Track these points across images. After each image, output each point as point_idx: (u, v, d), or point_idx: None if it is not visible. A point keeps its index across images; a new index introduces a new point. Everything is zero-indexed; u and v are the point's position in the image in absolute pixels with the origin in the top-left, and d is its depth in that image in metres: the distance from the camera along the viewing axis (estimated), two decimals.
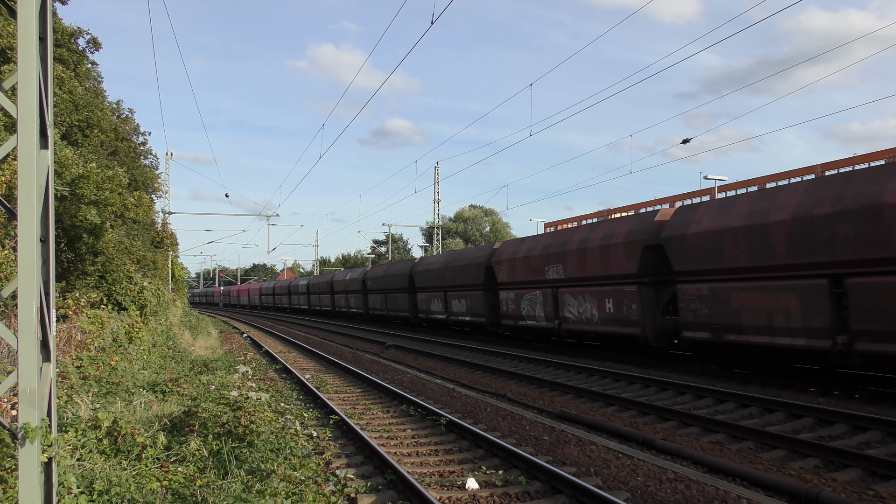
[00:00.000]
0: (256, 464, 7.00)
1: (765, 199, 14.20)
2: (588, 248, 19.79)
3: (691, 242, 15.48)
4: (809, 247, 12.74)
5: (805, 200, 13.06)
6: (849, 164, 47.35)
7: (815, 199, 12.85)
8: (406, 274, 38.00)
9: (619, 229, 18.78)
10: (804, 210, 12.95)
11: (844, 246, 12.09)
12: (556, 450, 8.91)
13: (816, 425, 10.23)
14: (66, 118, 18.42)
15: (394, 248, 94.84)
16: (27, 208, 4.50)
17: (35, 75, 4.53)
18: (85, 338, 12.54)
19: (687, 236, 15.60)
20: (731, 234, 14.45)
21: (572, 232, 21.83)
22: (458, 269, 29.54)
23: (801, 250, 12.92)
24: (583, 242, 20.20)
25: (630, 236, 17.97)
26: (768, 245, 13.58)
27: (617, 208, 74.83)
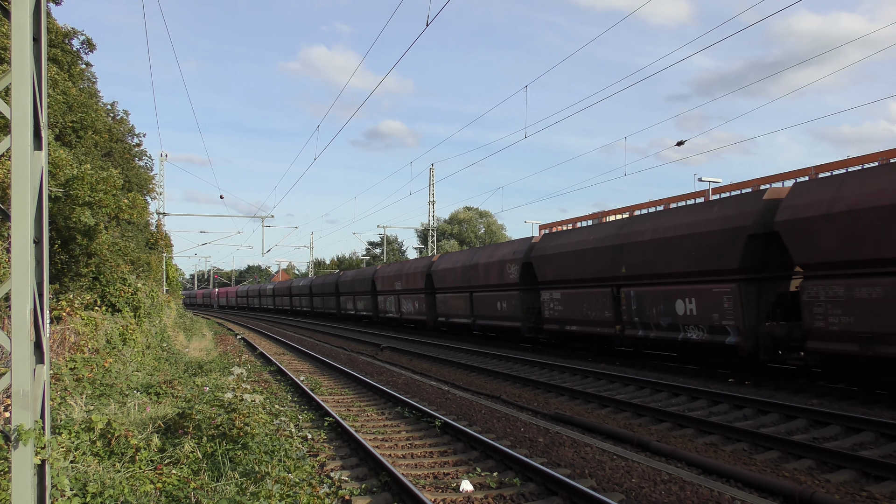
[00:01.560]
0: (251, 466, 6.99)
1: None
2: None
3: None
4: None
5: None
6: (842, 166, 47.51)
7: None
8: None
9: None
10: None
11: None
12: (550, 451, 8.91)
13: (810, 427, 10.26)
14: (60, 119, 18.37)
15: (389, 250, 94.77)
16: (21, 209, 4.49)
17: (29, 76, 4.52)
18: (79, 339, 12.50)
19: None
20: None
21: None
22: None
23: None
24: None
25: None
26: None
27: (611, 210, 74.96)
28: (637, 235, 17.30)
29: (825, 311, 12.27)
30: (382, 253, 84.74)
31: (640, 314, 17.22)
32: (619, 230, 18.20)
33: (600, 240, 18.88)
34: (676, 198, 65.10)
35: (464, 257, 28.96)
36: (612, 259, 18.08)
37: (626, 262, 17.59)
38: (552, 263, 21.19)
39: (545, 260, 21.57)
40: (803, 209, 12.62)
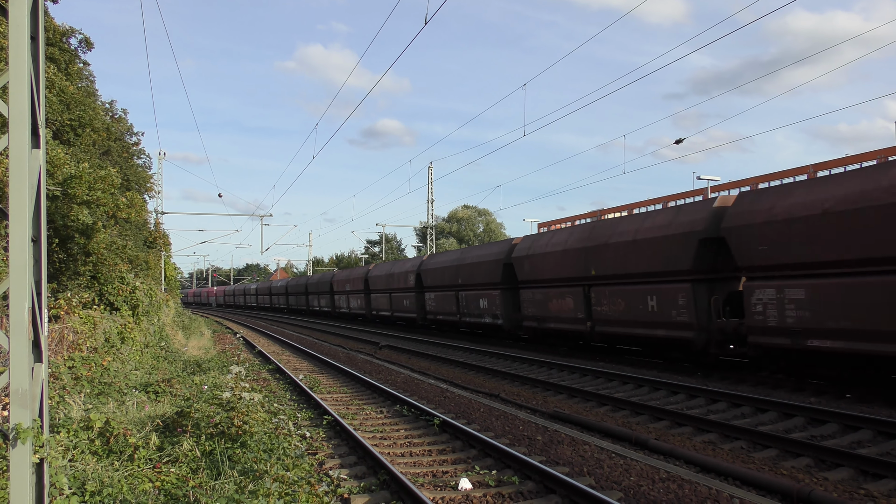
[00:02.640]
0: (249, 464, 6.99)
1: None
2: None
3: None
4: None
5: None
6: (840, 164, 47.61)
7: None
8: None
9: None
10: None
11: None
12: (549, 450, 8.92)
13: (808, 425, 10.28)
14: (57, 117, 18.35)
15: (387, 249, 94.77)
16: (18, 208, 4.48)
17: (26, 75, 4.51)
18: (77, 338, 12.49)
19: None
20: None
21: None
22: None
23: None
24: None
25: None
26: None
27: (609, 209, 75.02)
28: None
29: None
30: (381, 251, 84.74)
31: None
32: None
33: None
34: (675, 196, 65.15)
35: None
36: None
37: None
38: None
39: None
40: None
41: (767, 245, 13.35)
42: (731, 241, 14.26)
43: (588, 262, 19.08)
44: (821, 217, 12.28)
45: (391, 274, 37.59)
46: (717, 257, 15.15)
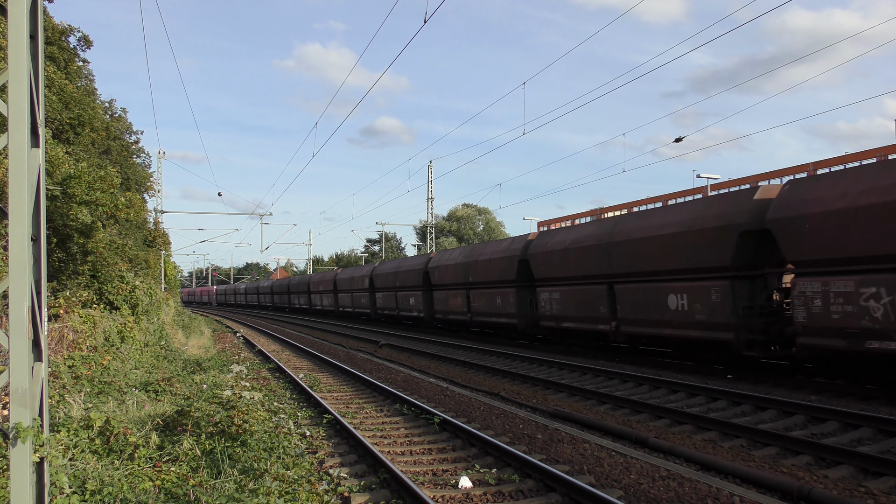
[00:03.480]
0: (249, 463, 6.99)
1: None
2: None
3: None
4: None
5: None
6: (840, 162, 47.59)
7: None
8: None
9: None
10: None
11: None
12: (549, 448, 8.93)
13: (808, 423, 10.28)
14: (56, 116, 18.33)
15: (387, 247, 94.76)
16: (18, 207, 4.48)
17: (25, 74, 4.51)
18: (77, 337, 12.49)
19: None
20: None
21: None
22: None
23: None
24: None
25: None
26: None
27: (609, 207, 75.00)
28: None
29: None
30: (381, 250, 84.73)
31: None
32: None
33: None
34: (675, 194, 65.09)
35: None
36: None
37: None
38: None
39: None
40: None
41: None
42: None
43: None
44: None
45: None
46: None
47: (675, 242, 15.84)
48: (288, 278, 69.07)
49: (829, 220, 12.03)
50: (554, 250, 21.03)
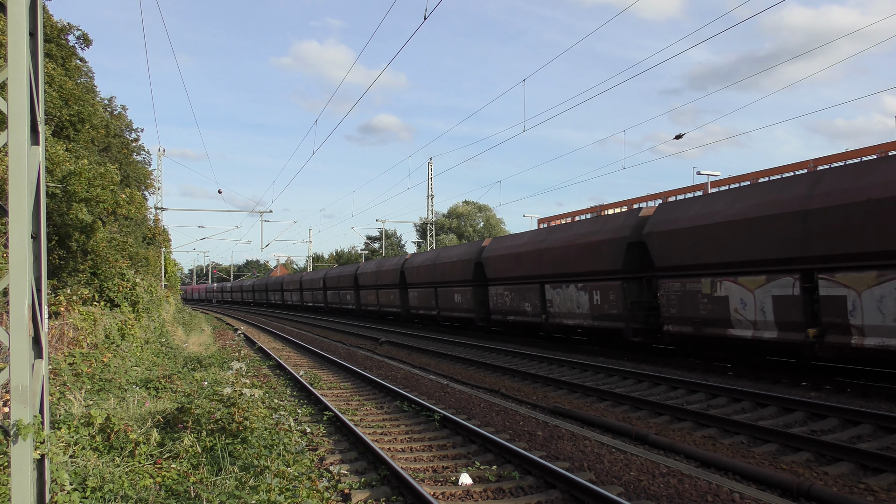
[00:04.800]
0: (250, 460, 7.00)
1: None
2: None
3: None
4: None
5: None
6: (841, 159, 47.53)
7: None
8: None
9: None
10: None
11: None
12: (549, 445, 8.94)
13: (808, 419, 10.29)
14: (56, 113, 18.32)
15: (387, 245, 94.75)
16: (18, 204, 4.48)
17: (25, 71, 4.51)
18: (77, 334, 12.49)
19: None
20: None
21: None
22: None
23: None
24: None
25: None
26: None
27: (609, 204, 74.98)
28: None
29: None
30: (381, 247, 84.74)
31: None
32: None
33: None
34: (675, 191, 65.06)
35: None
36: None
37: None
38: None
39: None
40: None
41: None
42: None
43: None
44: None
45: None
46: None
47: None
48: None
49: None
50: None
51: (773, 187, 14.17)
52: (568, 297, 20.41)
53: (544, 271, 21.57)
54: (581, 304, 19.69)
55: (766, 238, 13.46)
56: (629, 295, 17.64)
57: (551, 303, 21.43)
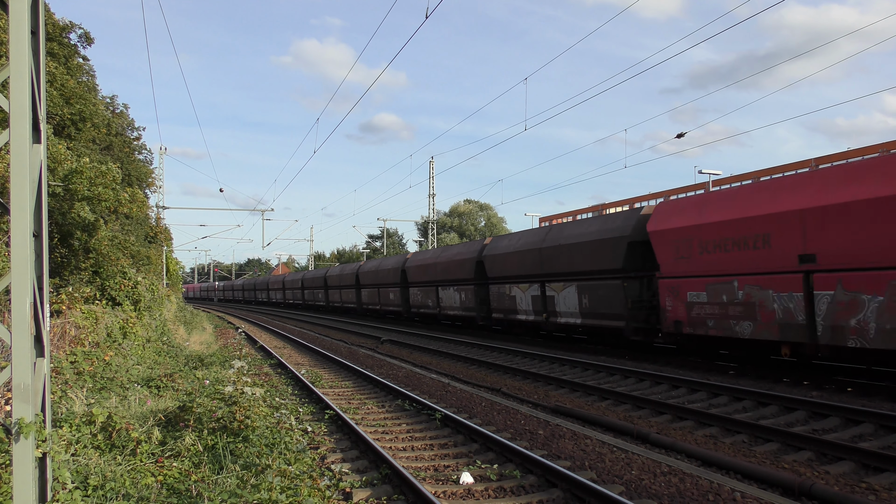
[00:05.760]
0: (251, 458, 7.00)
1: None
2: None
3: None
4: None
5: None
6: (843, 157, 47.46)
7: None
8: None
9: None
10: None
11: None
12: (550, 444, 8.93)
13: (810, 418, 10.28)
14: (58, 111, 18.33)
15: (389, 243, 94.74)
16: (20, 203, 4.48)
17: (27, 70, 4.51)
18: (79, 333, 12.51)
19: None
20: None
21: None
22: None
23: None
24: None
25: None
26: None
27: (610, 203, 74.90)
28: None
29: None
30: (383, 246, 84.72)
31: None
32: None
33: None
34: (676, 190, 64.99)
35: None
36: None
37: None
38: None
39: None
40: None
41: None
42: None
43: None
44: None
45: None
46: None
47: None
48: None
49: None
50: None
51: (531, 233, 23.66)
52: (448, 295, 29.10)
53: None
54: (454, 299, 28.27)
55: (527, 263, 22.75)
56: (478, 294, 26.65)
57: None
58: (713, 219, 14.62)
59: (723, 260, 14.40)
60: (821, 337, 12.46)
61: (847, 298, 11.94)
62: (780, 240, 13.11)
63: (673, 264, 15.78)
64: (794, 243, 12.84)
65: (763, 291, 13.54)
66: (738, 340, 14.61)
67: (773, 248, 13.22)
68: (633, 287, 17.73)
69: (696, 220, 15.10)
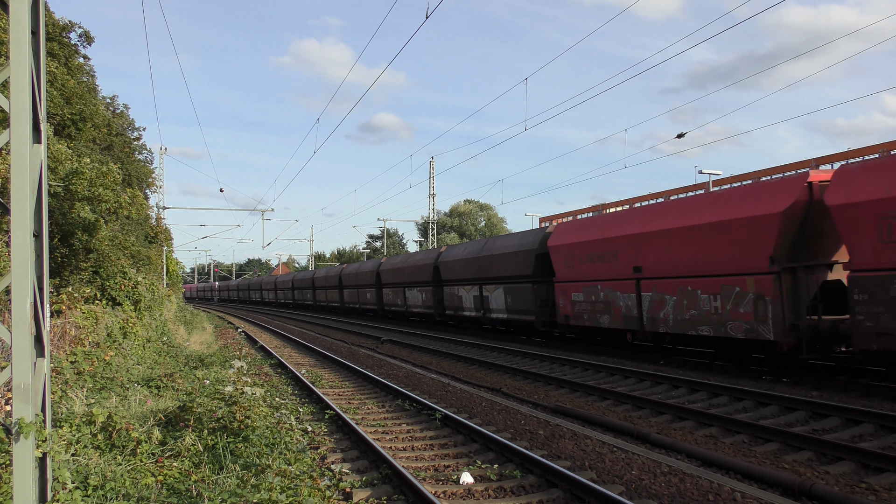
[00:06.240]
0: (252, 458, 7.00)
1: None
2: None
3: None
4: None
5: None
6: (843, 158, 47.43)
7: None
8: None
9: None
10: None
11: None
12: (550, 444, 8.93)
13: (810, 419, 10.28)
14: (58, 111, 18.33)
15: (389, 243, 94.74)
16: (20, 203, 4.48)
17: (27, 70, 4.51)
18: (79, 333, 12.51)
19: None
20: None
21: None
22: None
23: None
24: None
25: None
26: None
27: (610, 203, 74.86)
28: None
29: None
30: (383, 246, 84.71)
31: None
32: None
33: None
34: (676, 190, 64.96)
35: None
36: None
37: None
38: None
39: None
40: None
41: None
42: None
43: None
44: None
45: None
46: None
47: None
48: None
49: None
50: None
51: (473, 244, 28.77)
52: (413, 295, 34.39)
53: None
54: (417, 298, 33.48)
55: (469, 269, 27.37)
56: (435, 294, 31.32)
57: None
58: (586, 238, 19.38)
59: (592, 269, 19.15)
60: (646, 325, 17.08)
61: (658, 298, 16.59)
62: (623, 256, 17.78)
63: (563, 272, 20.62)
64: (631, 258, 17.45)
65: (615, 293, 18.27)
66: (602, 329, 19.18)
67: (619, 262, 17.89)
68: (541, 289, 22.19)
69: (576, 238, 19.90)
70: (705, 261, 14.99)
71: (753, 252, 13.75)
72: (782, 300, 13.23)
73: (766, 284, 13.48)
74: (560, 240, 20.70)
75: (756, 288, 13.72)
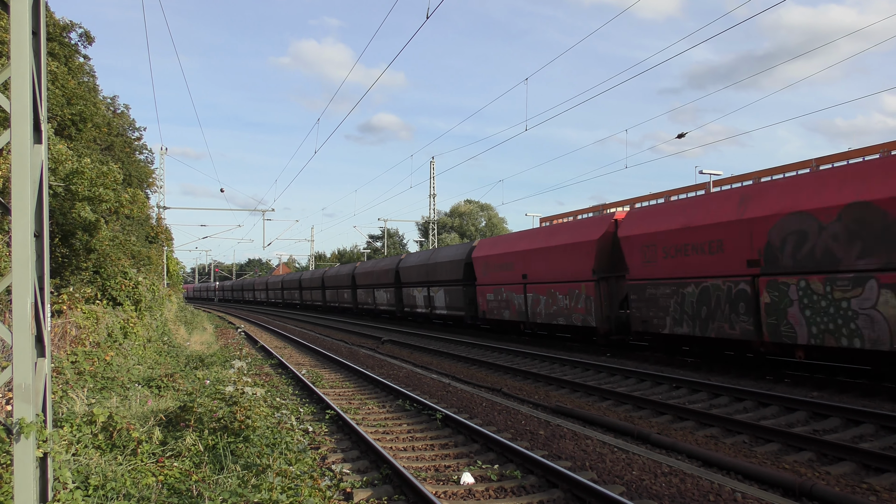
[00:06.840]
0: (252, 458, 7.00)
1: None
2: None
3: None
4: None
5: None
6: (844, 158, 47.40)
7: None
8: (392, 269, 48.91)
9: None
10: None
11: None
12: (551, 444, 8.93)
13: (810, 419, 10.27)
14: (59, 112, 18.34)
15: (389, 244, 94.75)
16: (21, 203, 4.49)
17: (28, 70, 4.51)
18: (80, 333, 12.51)
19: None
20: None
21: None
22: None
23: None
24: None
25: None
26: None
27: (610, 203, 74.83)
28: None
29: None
30: (383, 246, 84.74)
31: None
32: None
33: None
34: (676, 190, 64.94)
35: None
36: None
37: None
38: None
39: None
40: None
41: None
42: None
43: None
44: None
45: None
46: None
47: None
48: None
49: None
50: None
51: (424, 253, 34.31)
52: (380, 294, 39.93)
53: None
54: (384, 298, 39.22)
55: (420, 273, 32.71)
56: (397, 294, 37.07)
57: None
58: (495, 252, 25.33)
59: (498, 276, 24.91)
60: (530, 318, 22.87)
61: (535, 298, 22.44)
62: (516, 266, 23.49)
63: (481, 277, 26.45)
64: (521, 268, 23.21)
65: (512, 294, 24.01)
66: (505, 321, 24.93)
67: (514, 271, 23.61)
68: (469, 291, 27.94)
69: (489, 252, 25.80)
70: (561, 271, 20.75)
71: (583, 266, 19.56)
72: (601, 299, 19.12)
73: (591, 288, 19.35)
74: (480, 252, 26.83)
75: (586, 291, 19.54)
